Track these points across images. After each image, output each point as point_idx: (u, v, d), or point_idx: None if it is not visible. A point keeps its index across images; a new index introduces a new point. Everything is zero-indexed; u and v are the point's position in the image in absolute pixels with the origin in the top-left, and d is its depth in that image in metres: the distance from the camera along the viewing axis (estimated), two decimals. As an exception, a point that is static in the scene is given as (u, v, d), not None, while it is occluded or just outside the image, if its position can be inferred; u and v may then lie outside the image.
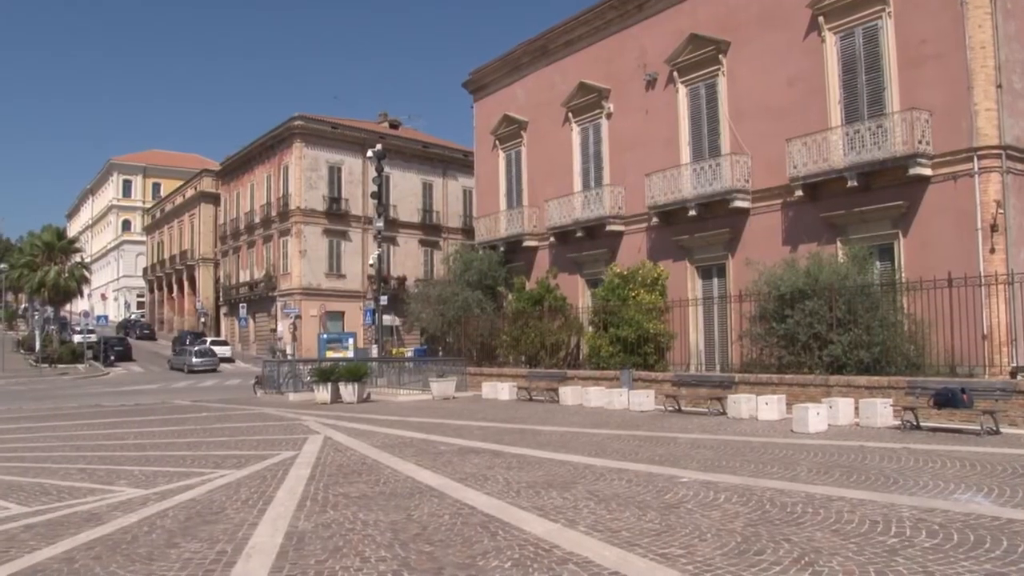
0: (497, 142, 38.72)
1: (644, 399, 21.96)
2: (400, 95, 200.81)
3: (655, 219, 29.62)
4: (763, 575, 6.40)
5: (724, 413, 19.67)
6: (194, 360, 51.62)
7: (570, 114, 34.17)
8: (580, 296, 32.75)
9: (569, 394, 24.47)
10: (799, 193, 24.76)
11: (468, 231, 57.13)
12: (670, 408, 21.53)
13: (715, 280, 28.10)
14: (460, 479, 11.18)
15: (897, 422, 16.71)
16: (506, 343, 31.43)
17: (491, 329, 33.11)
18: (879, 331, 19.76)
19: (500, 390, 27.08)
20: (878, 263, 22.61)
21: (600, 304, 29.15)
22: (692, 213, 27.75)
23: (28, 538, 8.39)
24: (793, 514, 8.55)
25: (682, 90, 29.27)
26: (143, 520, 9.08)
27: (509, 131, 37.91)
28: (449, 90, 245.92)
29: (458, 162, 63.05)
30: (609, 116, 32.47)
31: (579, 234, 32.55)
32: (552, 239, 34.34)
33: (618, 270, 29.27)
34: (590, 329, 29.49)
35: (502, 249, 36.90)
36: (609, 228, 31.33)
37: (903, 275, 21.74)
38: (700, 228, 28.04)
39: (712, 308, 27.71)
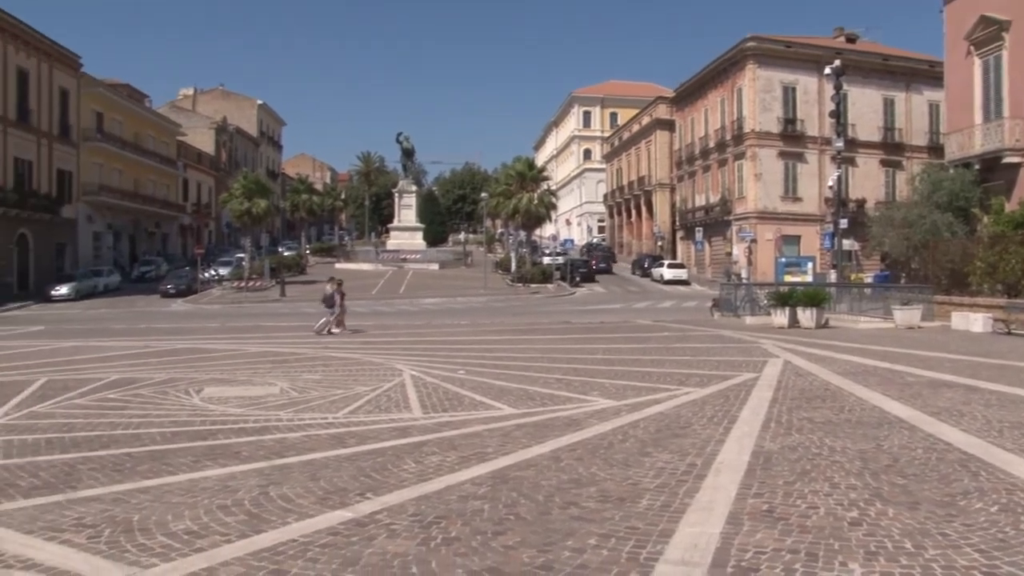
0: (971, 48, 35.18)
1: None
2: (858, 6, 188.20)
3: None
4: None
5: None
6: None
7: (1065, 10, 30.10)
8: (1073, 218, 29.13)
9: (1057, 328, 22.18)
10: None
11: (935, 149, 52.76)
12: None
13: None
14: (932, 413, 10.78)
15: None
16: (980, 270, 28.95)
17: (962, 255, 30.67)
18: None
19: (972, 321, 25.20)
20: None
21: (1098, 227, 25.78)
22: None
23: (520, 436, 9.69)
24: None
25: None
26: (616, 429, 9.97)
27: (986, 34, 34.23)
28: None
29: (923, 74, 58.08)
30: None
31: (1073, 147, 28.86)
32: (1038, 154, 30.79)
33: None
34: (1084, 256, 26.22)
35: (977, 167, 33.85)
36: (1112, 139, 27.42)
37: None
38: None
39: None
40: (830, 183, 43.62)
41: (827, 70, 35.80)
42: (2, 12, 47.49)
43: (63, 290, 48.18)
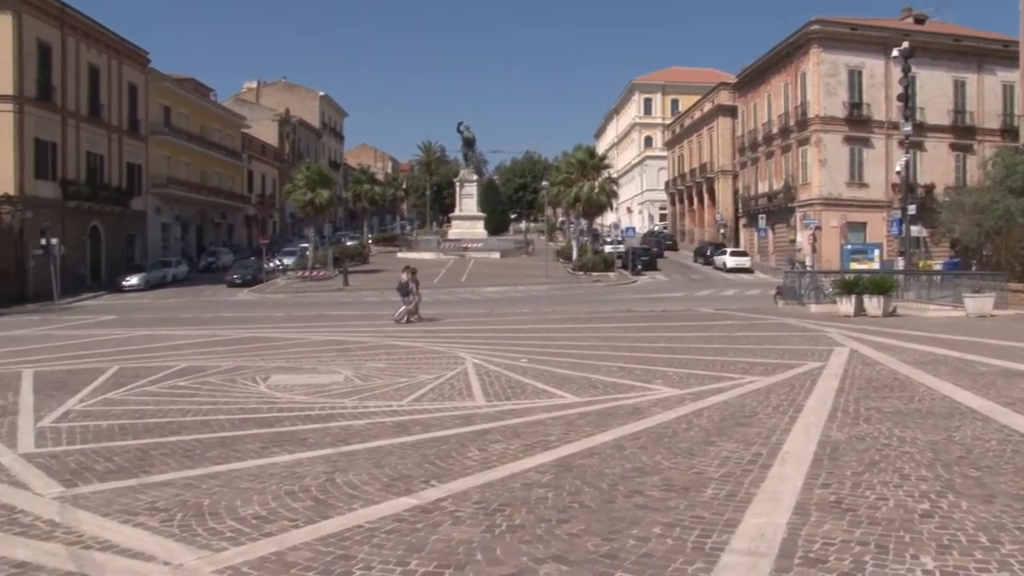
0: (1048, 27, 34.12)
1: None
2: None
3: None
4: None
5: None
6: None
7: None
8: None
9: None
10: None
11: (1009, 131, 51.29)
12: None
13: None
14: (1006, 403, 10.47)
15: None
16: (1057, 257, 28.19)
17: (1038, 241, 29.89)
18: None
19: (1048, 309, 24.53)
20: None
21: None
22: None
23: (583, 424, 9.71)
24: None
25: None
26: (680, 418, 9.94)
27: (1064, 13, 33.15)
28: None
29: (996, 54, 56.24)
30: None
31: None
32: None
33: None
34: None
35: (1053, 150, 32.83)
36: None
37: None
38: None
39: None
40: (898, 168, 42.62)
41: (895, 52, 34.93)
42: (75, 11, 48.65)
43: (133, 280, 49.40)
